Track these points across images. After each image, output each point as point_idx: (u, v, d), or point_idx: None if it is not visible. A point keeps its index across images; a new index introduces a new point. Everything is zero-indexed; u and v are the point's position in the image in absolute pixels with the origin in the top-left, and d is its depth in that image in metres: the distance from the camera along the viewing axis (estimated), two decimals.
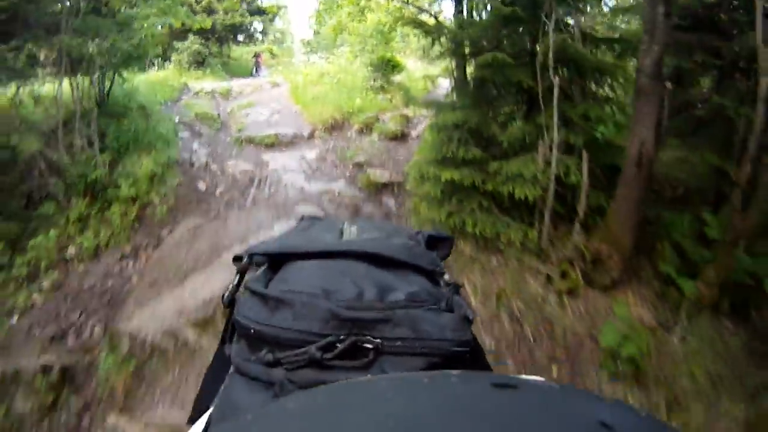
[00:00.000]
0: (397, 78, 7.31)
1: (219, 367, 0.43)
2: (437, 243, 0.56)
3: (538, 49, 2.74)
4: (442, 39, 3.54)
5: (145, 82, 7.93)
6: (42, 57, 4.75)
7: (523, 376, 0.32)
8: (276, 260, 0.45)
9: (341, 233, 0.53)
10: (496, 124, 3.14)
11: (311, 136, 6.16)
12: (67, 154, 4.34)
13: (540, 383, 0.30)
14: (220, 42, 14.33)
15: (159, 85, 8.48)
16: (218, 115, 7.24)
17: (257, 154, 5.67)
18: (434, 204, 3.14)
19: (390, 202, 4.07)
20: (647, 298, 2.85)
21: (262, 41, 17.08)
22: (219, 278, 2.69)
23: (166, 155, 5.01)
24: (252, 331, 0.37)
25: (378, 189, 4.29)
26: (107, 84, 5.37)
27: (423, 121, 5.83)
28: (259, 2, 15.75)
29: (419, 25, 3.62)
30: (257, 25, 17.35)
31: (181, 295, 2.61)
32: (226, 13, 13.90)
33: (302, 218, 0.63)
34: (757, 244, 2.81)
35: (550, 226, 2.82)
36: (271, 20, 17.49)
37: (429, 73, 6.16)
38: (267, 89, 9.08)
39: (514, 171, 2.70)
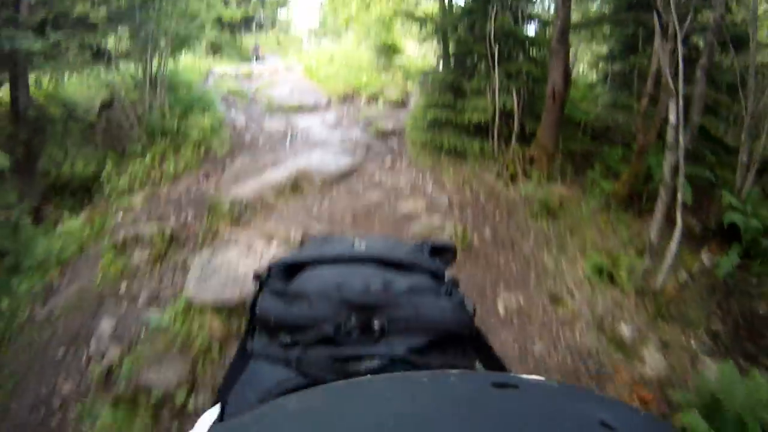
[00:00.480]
0: (398, 59, 8.95)
1: (239, 363, 0.48)
2: (440, 252, 0.62)
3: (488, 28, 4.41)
4: (429, 25, 5.20)
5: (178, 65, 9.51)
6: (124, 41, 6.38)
7: (524, 376, 0.33)
8: (292, 270, 0.51)
9: (352, 246, 0.59)
10: (465, 79, 4.80)
11: (328, 104, 7.78)
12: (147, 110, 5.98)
13: (540, 383, 0.30)
14: (231, 31, 15.94)
15: (189, 68, 10.07)
16: (246, 91, 8.83)
17: (286, 117, 7.28)
18: (422, 132, 4.80)
19: (393, 142, 5.72)
20: (571, 190, 4.42)
21: (269, 30, 18.69)
22: (284, 172, 4.33)
23: (217, 115, 6.64)
24: (272, 320, 0.43)
25: (384, 135, 5.93)
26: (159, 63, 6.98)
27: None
28: None
29: (411, 15, 5.28)
30: (263, 15, 18.93)
31: (259, 179, 4.25)
32: (238, 5, 15.54)
33: (313, 237, 0.71)
34: None
35: (498, 141, 4.49)
36: (278, 10, 19.12)
37: (423, 53, 7.78)
38: (283, 71, 10.68)
39: (473, 105, 4.37)
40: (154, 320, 3.23)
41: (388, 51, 8.67)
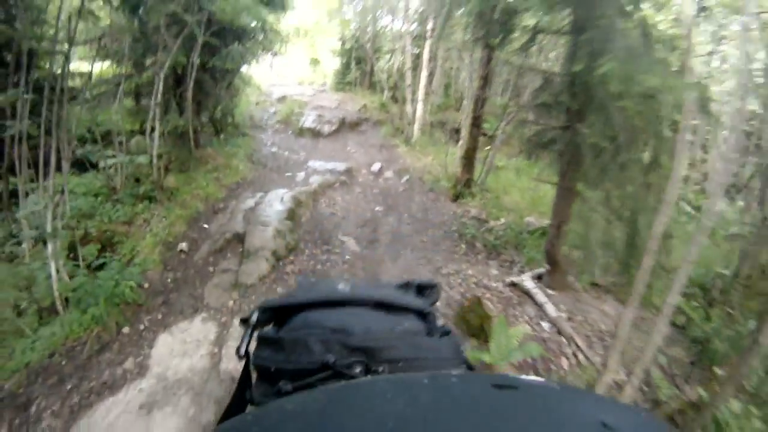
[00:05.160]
0: (319, 66, 23.52)
1: (238, 411, 0.54)
2: (424, 290, 0.76)
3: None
4: (335, 54, 19.88)
5: None
6: None
7: (524, 377, 0.35)
8: (283, 313, 0.58)
9: (338, 289, 0.67)
10: (347, 70, 19.53)
11: (294, 85, 22.01)
12: None
13: (541, 384, 0.34)
14: None
15: None
16: None
17: (280, 87, 21.30)
18: (335, 86, 19.37)
19: (324, 92, 20.10)
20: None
21: None
22: (293, 94, 18.44)
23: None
24: (272, 369, 0.50)
25: (320, 90, 20.31)
26: None
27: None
28: None
29: (331, 51, 19.97)
30: None
31: (287, 91, 18.30)
32: None
33: (301, 278, 0.84)
34: None
35: (356, 84, 19.23)
36: None
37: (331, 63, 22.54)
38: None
39: (350, 74, 19.07)
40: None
41: (315, 62, 23.27)
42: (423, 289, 0.77)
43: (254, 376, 0.56)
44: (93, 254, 5.20)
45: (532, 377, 0.36)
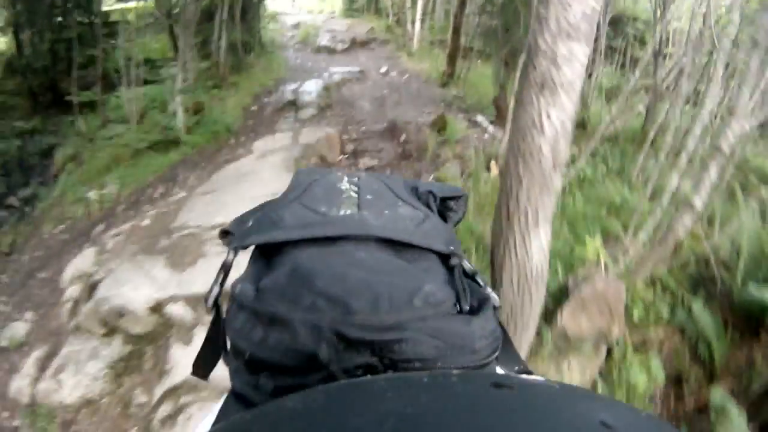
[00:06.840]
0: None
1: (211, 350, 0.50)
2: (449, 202, 0.62)
3: None
4: None
5: None
6: None
7: (524, 376, 0.36)
8: (268, 250, 0.49)
9: (341, 194, 0.56)
10: None
11: (305, 12, 24.41)
12: None
13: (540, 383, 0.34)
14: None
15: None
16: None
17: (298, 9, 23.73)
18: (343, 12, 21.82)
19: (334, 16, 22.55)
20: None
21: None
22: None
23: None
24: (246, 354, 0.40)
25: (331, 16, 22.75)
26: None
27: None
28: None
29: None
30: None
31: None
32: None
33: (300, 171, 0.67)
34: None
35: (368, 9, 21.64)
36: None
37: None
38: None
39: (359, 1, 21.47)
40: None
41: None
42: (447, 201, 0.63)
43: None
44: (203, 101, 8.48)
45: (532, 377, 0.38)
